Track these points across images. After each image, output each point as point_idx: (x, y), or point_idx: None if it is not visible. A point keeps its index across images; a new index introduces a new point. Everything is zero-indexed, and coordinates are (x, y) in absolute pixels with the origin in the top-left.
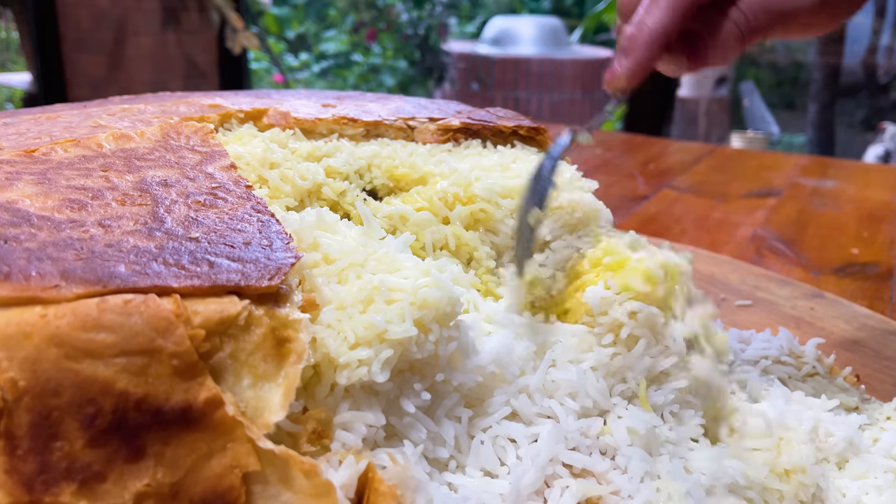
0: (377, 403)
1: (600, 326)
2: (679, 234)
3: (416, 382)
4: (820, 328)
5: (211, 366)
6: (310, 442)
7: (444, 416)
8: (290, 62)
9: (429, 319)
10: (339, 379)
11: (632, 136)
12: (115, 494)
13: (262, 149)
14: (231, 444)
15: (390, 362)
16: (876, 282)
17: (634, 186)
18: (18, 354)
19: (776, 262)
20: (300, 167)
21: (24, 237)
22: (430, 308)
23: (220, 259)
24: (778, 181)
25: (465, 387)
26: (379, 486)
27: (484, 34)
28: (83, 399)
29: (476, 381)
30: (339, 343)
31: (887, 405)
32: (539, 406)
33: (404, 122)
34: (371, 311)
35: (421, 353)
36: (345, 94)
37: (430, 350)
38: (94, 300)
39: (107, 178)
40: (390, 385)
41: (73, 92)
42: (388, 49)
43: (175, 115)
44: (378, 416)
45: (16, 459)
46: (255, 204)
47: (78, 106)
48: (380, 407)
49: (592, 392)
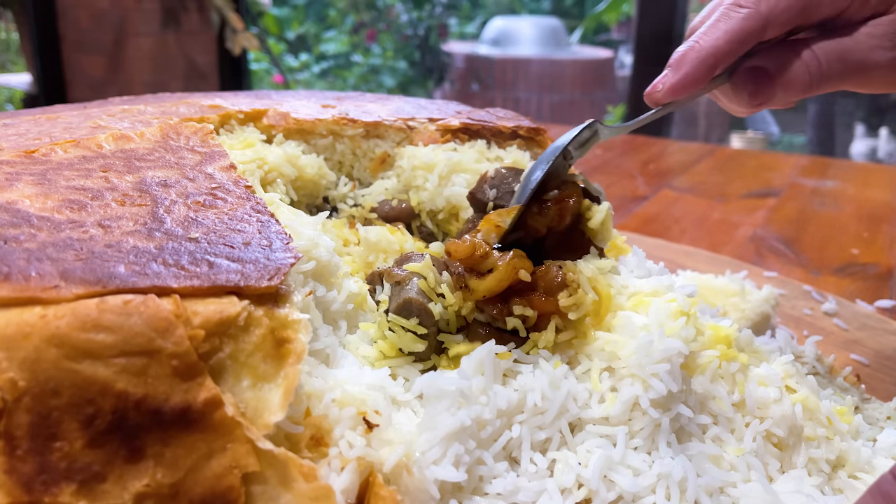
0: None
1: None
2: (679, 235)
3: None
4: (820, 328)
5: (210, 366)
6: (308, 448)
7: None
8: (290, 63)
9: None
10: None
11: (632, 137)
12: (114, 495)
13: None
14: (231, 445)
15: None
16: (876, 282)
17: (634, 186)
18: (18, 355)
19: (776, 262)
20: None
21: (23, 237)
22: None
23: (219, 259)
24: (778, 181)
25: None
26: (379, 490)
27: (484, 34)
28: (83, 399)
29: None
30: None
31: (887, 405)
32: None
33: (404, 122)
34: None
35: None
36: (344, 95)
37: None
38: (94, 300)
39: (106, 179)
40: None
41: (72, 93)
42: (388, 50)
43: (175, 115)
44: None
45: (15, 460)
46: (255, 204)
47: (78, 107)
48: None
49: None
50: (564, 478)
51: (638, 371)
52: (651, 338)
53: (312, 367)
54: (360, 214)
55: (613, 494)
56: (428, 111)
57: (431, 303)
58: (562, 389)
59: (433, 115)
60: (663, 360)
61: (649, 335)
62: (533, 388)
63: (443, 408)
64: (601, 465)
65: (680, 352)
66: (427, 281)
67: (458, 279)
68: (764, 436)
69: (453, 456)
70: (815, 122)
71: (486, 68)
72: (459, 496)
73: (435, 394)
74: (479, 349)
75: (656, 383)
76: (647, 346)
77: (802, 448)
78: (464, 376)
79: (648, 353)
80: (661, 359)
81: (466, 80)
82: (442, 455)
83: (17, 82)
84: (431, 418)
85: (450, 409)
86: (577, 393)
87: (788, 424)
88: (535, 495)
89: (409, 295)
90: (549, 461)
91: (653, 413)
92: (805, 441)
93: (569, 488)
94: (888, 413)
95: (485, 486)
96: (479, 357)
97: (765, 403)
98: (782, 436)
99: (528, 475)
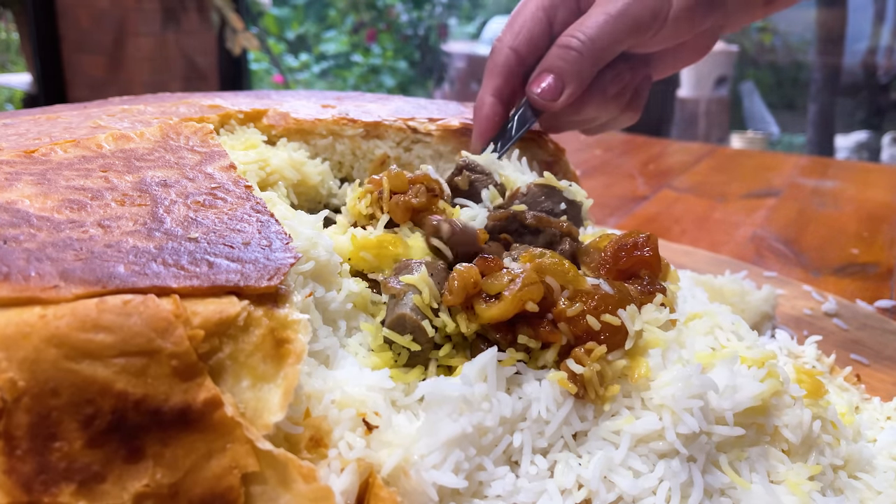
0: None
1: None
2: (679, 235)
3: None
4: (820, 328)
5: (210, 366)
6: (307, 449)
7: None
8: (289, 63)
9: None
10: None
11: (632, 137)
12: (114, 495)
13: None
14: (230, 445)
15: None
16: (876, 282)
17: (634, 187)
18: (17, 355)
19: (776, 262)
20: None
21: (23, 237)
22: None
23: (219, 259)
24: (778, 181)
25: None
26: (379, 491)
27: (484, 34)
28: (82, 399)
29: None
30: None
31: (887, 405)
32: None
33: (404, 122)
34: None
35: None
36: (344, 95)
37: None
38: (94, 300)
39: (106, 179)
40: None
41: (72, 92)
42: (388, 50)
43: (175, 115)
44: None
45: (15, 460)
46: (255, 204)
47: (78, 107)
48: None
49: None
50: (564, 479)
51: (671, 403)
52: (689, 371)
53: (312, 368)
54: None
55: (613, 495)
56: (428, 111)
57: (426, 320)
58: (566, 404)
59: (433, 115)
60: (696, 396)
61: (686, 368)
62: (538, 398)
63: (444, 413)
64: (601, 465)
65: (714, 390)
66: (423, 296)
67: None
68: (770, 441)
69: (453, 462)
70: (815, 122)
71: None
72: (458, 499)
73: (437, 399)
74: (482, 355)
75: (688, 418)
76: (686, 379)
77: (812, 457)
78: (466, 382)
79: (687, 385)
80: (695, 394)
81: (466, 80)
82: (442, 461)
83: (17, 82)
84: (432, 424)
85: (451, 416)
86: (586, 412)
87: (803, 433)
88: (535, 496)
89: (403, 311)
90: (549, 462)
91: (679, 447)
92: (815, 447)
93: (569, 489)
94: (888, 413)
95: (484, 489)
96: (481, 363)
97: (778, 406)
98: (794, 442)
99: (528, 476)
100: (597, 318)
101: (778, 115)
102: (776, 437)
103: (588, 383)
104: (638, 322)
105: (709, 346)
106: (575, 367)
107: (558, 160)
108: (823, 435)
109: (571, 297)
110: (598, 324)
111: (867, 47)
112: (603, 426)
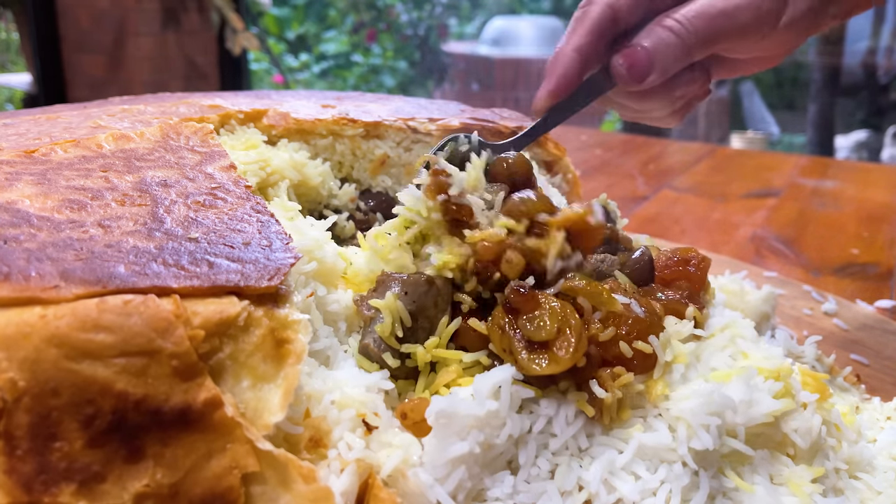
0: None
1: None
2: (679, 235)
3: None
4: (820, 328)
5: (210, 366)
6: (307, 449)
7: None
8: (289, 63)
9: None
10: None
11: (632, 137)
12: (114, 495)
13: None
14: (230, 445)
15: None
16: (876, 282)
17: (634, 187)
18: (18, 355)
19: (776, 262)
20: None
21: (23, 237)
22: None
23: (219, 259)
24: (778, 181)
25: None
26: (378, 492)
27: (484, 35)
28: (82, 399)
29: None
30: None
31: (887, 405)
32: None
33: (404, 122)
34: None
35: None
36: (345, 95)
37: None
38: (94, 300)
39: (106, 179)
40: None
41: (72, 92)
42: (388, 50)
43: (175, 115)
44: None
45: (15, 460)
46: (255, 204)
47: (78, 106)
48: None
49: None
50: (565, 480)
51: (689, 417)
52: (712, 388)
53: (312, 368)
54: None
55: (613, 498)
56: (428, 111)
57: (388, 353)
58: (577, 423)
59: (433, 115)
60: (716, 414)
61: (709, 385)
62: (548, 416)
63: (453, 431)
64: (603, 468)
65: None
66: (389, 324)
67: (508, 341)
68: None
69: (457, 480)
70: (815, 122)
71: (486, 68)
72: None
73: (447, 415)
74: (496, 371)
75: (703, 434)
76: (707, 395)
77: (817, 460)
78: (479, 399)
79: (708, 402)
80: (715, 411)
81: (466, 80)
82: (446, 476)
83: (17, 82)
84: (440, 440)
85: (460, 433)
86: (594, 430)
87: (812, 439)
88: (535, 497)
89: (367, 341)
90: (550, 464)
91: (689, 461)
92: (820, 451)
93: (569, 491)
94: (888, 413)
95: (485, 493)
96: (494, 380)
97: (786, 413)
98: (803, 447)
99: (529, 477)
100: (629, 343)
101: (778, 115)
102: (784, 441)
103: (606, 409)
104: (669, 353)
105: (729, 356)
106: (598, 390)
107: (558, 160)
108: (828, 438)
109: (603, 319)
110: (630, 351)
111: (867, 47)
112: (612, 433)
